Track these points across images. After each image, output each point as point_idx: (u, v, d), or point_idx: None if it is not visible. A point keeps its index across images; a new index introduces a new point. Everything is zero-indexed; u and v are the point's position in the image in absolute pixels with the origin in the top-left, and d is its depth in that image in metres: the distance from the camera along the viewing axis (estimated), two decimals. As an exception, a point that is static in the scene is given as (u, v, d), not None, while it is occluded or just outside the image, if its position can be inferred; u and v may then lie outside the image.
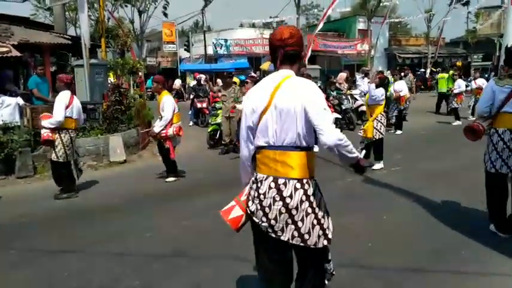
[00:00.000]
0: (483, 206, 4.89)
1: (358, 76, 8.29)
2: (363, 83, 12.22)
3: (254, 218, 2.46)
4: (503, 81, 4.44)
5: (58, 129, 6.36)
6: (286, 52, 2.44)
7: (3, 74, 10.55)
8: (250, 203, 2.48)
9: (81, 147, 8.73)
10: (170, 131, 7.15)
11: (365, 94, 8.32)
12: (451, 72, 16.24)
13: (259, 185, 2.42)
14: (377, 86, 7.80)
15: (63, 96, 6.43)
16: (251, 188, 2.49)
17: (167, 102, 7.08)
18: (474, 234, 4.62)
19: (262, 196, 2.39)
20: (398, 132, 12.45)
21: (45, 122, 6.34)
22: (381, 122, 7.83)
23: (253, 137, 2.50)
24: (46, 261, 4.36)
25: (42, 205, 6.29)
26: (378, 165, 7.90)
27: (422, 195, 6.13)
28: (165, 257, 4.33)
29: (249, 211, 2.50)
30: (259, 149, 2.46)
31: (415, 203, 5.89)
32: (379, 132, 7.78)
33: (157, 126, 7.09)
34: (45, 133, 6.32)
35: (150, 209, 6.01)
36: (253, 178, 2.51)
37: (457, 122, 13.85)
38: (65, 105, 6.36)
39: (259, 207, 2.41)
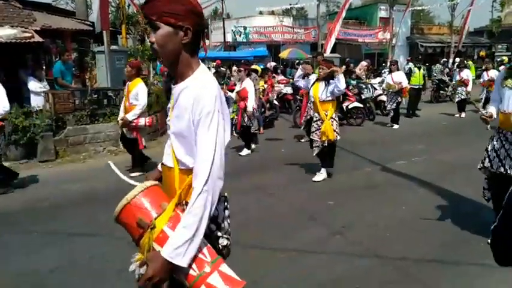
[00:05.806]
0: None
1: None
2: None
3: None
4: None
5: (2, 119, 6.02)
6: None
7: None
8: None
9: (102, 133, 8.90)
10: (142, 121, 6.82)
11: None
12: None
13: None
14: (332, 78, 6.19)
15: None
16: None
17: (142, 90, 6.77)
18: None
19: None
20: (395, 126, 11.72)
21: None
22: (336, 120, 6.48)
23: None
24: (69, 243, 4.46)
25: (63, 189, 6.41)
26: (322, 176, 6.47)
27: (442, 187, 6.07)
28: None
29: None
30: None
31: (434, 194, 5.84)
32: (337, 133, 6.41)
33: (131, 114, 6.67)
34: None
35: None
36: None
37: (463, 114, 13.60)
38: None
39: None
